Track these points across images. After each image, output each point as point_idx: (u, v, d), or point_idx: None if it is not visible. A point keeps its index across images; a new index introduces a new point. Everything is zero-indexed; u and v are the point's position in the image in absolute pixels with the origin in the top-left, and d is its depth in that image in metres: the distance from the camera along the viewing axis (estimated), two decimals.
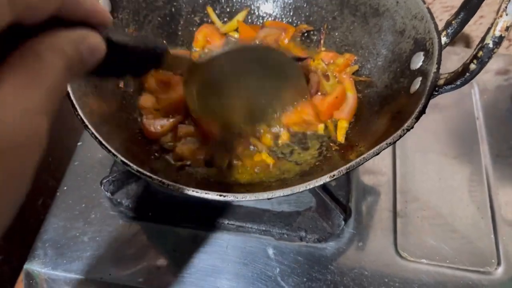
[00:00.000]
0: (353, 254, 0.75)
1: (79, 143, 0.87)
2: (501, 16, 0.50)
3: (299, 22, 0.89)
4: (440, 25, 0.99)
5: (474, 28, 1.07)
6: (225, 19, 0.91)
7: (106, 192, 0.76)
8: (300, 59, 0.80)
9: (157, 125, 0.75)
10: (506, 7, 0.50)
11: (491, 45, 0.51)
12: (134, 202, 0.78)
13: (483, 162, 0.87)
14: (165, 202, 0.78)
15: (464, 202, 0.82)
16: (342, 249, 0.75)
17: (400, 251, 0.76)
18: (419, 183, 0.84)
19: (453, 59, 1.05)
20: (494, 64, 1.06)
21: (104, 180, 0.74)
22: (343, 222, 0.73)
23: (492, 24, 0.51)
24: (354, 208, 0.80)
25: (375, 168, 0.85)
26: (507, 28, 0.50)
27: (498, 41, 0.51)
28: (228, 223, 0.76)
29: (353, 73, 0.82)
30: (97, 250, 0.74)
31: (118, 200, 0.78)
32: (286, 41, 0.88)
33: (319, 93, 0.80)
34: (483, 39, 0.52)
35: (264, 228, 0.76)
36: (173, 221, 0.77)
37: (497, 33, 0.51)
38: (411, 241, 0.77)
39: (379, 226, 0.79)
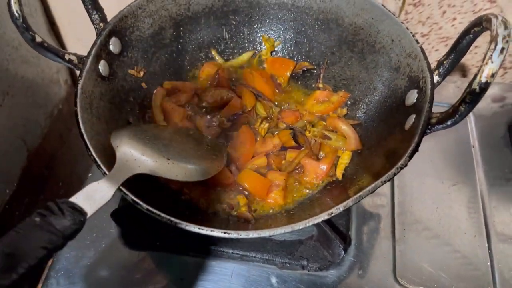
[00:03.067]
0: (354, 282, 0.78)
1: (90, 174, 0.91)
2: (486, 63, 0.53)
3: (299, 57, 0.94)
4: (437, 55, 1.03)
5: (469, 57, 1.11)
6: (228, 54, 0.96)
7: (116, 223, 0.79)
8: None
9: None
10: (491, 55, 0.53)
11: (478, 90, 0.55)
12: (143, 232, 0.81)
13: (479, 190, 0.90)
14: (172, 232, 0.81)
15: (461, 230, 0.85)
16: (343, 277, 0.78)
17: (399, 278, 0.78)
18: (417, 212, 0.87)
19: (449, 87, 1.09)
20: (490, 91, 1.08)
21: (114, 212, 0.77)
22: (343, 252, 0.76)
23: (478, 71, 0.54)
24: (354, 236, 0.83)
25: (375, 196, 0.88)
26: (492, 75, 0.54)
27: (485, 87, 0.54)
28: (232, 252, 0.79)
29: (344, 116, 0.86)
30: (108, 278, 0.77)
31: (127, 230, 0.81)
32: (288, 73, 0.92)
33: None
34: (470, 84, 0.55)
35: (267, 257, 0.78)
36: (180, 250, 0.80)
37: (483, 79, 0.54)
38: (409, 269, 0.80)
39: (379, 253, 0.81)
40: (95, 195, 0.54)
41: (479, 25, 0.61)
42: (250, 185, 0.76)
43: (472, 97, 0.55)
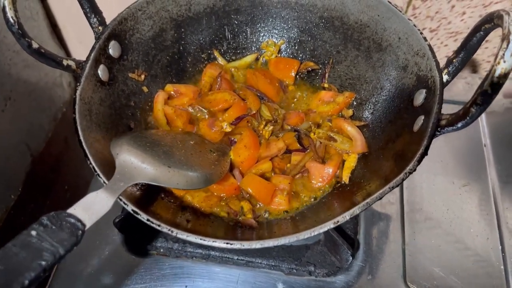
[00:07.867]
0: (363, 287, 0.76)
1: (93, 179, 0.90)
2: (498, 63, 0.51)
3: (304, 56, 0.91)
4: (446, 50, 1.00)
5: (480, 53, 1.08)
6: (231, 54, 0.94)
7: (119, 231, 0.78)
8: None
9: None
10: (503, 54, 0.51)
11: (490, 91, 0.52)
12: (146, 238, 0.80)
13: (491, 190, 0.87)
14: (176, 238, 0.79)
15: (473, 232, 0.82)
16: (351, 283, 0.76)
17: (409, 283, 0.76)
18: (428, 213, 0.84)
19: (458, 84, 1.06)
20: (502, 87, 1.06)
21: (116, 220, 0.76)
22: (351, 258, 0.74)
23: (490, 71, 0.52)
24: (363, 240, 0.81)
25: (384, 199, 0.86)
26: (505, 75, 0.51)
27: (497, 88, 0.52)
28: (237, 259, 0.77)
29: (350, 117, 0.84)
30: (112, 286, 0.76)
31: (131, 237, 0.80)
32: (293, 73, 0.90)
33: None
34: (481, 85, 0.53)
35: (273, 263, 0.77)
36: (184, 256, 0.79)
37: (495, 80, 0.51)
38: (420, 273, 0.77)
39: (388, 258, 0.79)
40: (93, 206, 0.53)
41: (490, 22, 0.58)
42: (254, 190, 0.74)
43: (483, 98, 0.53)
